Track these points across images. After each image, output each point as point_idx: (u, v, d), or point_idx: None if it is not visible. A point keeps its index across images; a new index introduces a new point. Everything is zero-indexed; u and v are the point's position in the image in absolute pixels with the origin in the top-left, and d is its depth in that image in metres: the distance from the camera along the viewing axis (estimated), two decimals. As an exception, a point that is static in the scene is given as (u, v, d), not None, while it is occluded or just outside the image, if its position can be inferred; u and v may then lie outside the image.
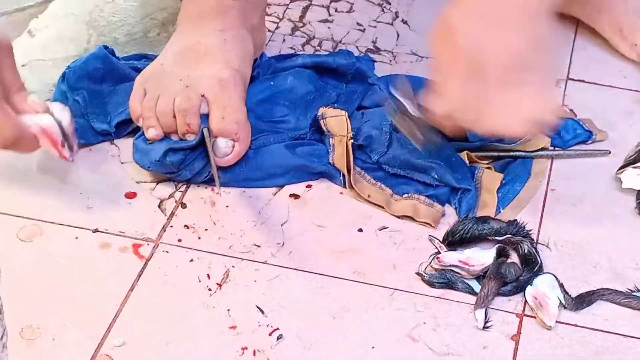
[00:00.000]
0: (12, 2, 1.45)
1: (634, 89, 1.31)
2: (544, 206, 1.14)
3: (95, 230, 1.10)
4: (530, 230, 1.08)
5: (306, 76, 1.23)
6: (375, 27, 1.41)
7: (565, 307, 1.03)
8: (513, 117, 1.01)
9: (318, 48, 1.37)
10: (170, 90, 1.13)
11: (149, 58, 1.25)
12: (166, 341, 0.99)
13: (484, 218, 1.09)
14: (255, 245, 1.09)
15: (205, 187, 1.15)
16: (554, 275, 1.04)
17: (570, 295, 1.03)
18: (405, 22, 1.42)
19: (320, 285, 1.05)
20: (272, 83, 1.22)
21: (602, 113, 1.27)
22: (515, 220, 1.09)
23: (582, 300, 1.03)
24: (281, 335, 0.99)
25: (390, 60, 1.35)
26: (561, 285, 1.03)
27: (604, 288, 1.04)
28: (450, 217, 1.12)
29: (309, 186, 1.16)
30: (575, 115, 1.26)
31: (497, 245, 1.06)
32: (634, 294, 1.04)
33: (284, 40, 1.38)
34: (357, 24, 1.41)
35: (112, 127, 1.19)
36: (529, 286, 1.03)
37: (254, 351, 0.98)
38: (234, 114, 1.14)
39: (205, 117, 1.13)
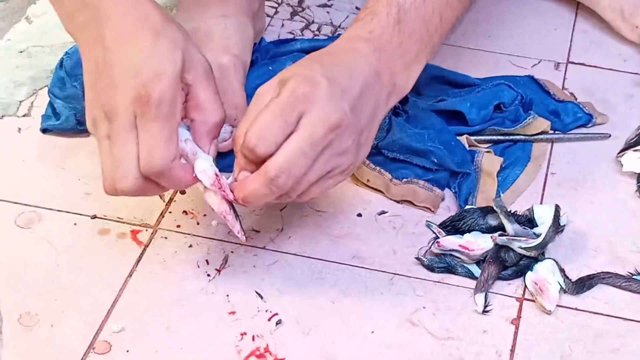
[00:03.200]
0: (9, -11, 1.44)
1: (634, 72, 1.31)
2: (544, 190, 1.14)
3: (94, 217, 1.09)
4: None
5: (305, 61, 1.23)
6: (374, 11, 1.40)
7: (565, 292, 1.02)
8: None
9: (317, 33, 1.37)
10: (169, 76, 1.12)
11: (147, 43, 1.24)
12: (165, 327, 0.98)
13: (486, 210, 1.08)
14: (254, 230, 1.08)
15: (204, 173, 1.15)
16: (554, 260, 1.04)
17: (570, 280, 1.03)
18: (404, 6, 1.41)
19: (319, 270, 1.04)
20: (270, 68, 1.22)
21: (602, 96, 1.27)
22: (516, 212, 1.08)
23: (583, 284, 1.03)
24: (280, 320, 0.99)
25: (390, 45, 1.34)
26: (562, 270, 1.03)
27: (604, 272, 1.04)
28: (449, 201, 1.12)
29: (308, 171, 1.15)
30: (576, 99, 1.26)
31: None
32: (634, 277, 1.04)
33: (282, 25, 1.38)
34: (356, 8, 1.41)
35: (110, 113, 1.18)
36: (530, 272, 1.03)
37: (253, 336, 0.98)
38: (234, 99, 1.13)
39: (204, 103, 1.12)
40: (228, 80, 1.14)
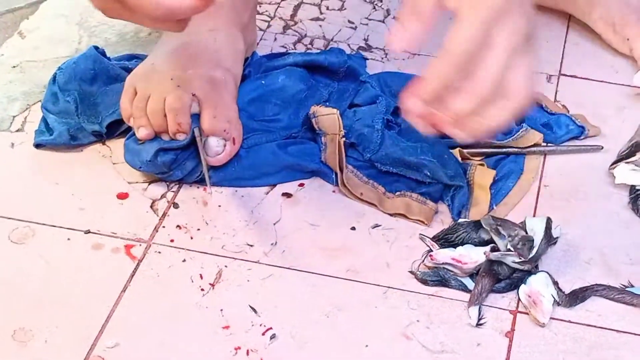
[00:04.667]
0: (2, 4, 1.44)
1: (626, 84, 1.31)
2: (537, 202, 1.14)
3: (88, 232, 1.09)
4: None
5: (298, 75, 1.23)
6: (367, 24, 1.41)
7: (559, 304, 1.02)
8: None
9: (310, 46, 1.37)
10: (161, 90, 1.12)
11: (140, 58, 1.25)
12: (159, 342, 0.98)
13: (479, 223, 1.07)
14: (248, 244, 1.08)
15: (198, 187, 1.15)
16: (547, 273, 1.04)
17: (564, 292, 1.03)
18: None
19: (313, 284, 1.04)
20: (263, 82, 1.22)
21: (594, 108, 1.27)
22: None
23: (576, 297, 1.03)
24: (274, 334, 0.99)
25: (382, 58, 1.34)
26: (555, 283, 1.03)
27: (597, 284, 1.04)
28: (442, 214, 1.12)
29: (301, 185, 1.16)
30: (568, 111, 1.26)
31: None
32: (627, 289, 1.04)
33: (275, 39, 1.38)
34: (349, 21, 1.41)
35: (103, 128, 1.18)
36: (523, 285, 1.03)
37: (247, 351, 0.98)
38: (226, 112, 1.13)
39: (196, 117, 1.12)
40: (220, 94, 1.14)
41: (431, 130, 0.90)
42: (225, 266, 1.06)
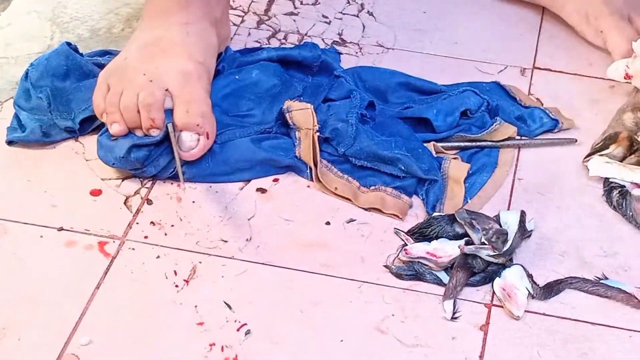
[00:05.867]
0: (-26, 0, 1.44)
1: (599, 77, 1.31)
2: (511, 196, 1.14)
3: (61, 229, 1.09)
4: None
5: (272, 69, 1.23)
6: (341, 19, 1.41)
7: (533, 297, 1.03)
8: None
9: (284, 41, 1.36)
10: (134, 85, 1.12)
11: (112, 54, 1.24)
12: (133, 339, 0.98)
13: (453, 217, 1.08)
14: (222, 240, 1.08)
15: (171, 183, 1.14)
16: (522, 266, 1.04)
17: (538, 285, 1.03)
18: (371, 14, 1.41)
19: (288, 279, 1.04)
20: (237, 77, 1.22)
21: (568, 101, 1.27)
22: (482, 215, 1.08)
23: (551, 289, 1.03)
24: (249, 330, 0.99)
25: (357, 52, 1.34)
26: (529, 276, 1.03)
27: (572, 277, 1.04)
28: (417, 208, 1.12)
29: (275, 180, 1.15)
30: (542, 104, 1.26)
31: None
32: (601, 281, 1.04)
33: (249, 34, 1.38)
34: (323, 16, 1.41)
35: (76, 124, 1.18)
36: (497, 278, 1.03)
37: (222, 347, 0.97)
38: (199, 107, 1.13)
39: (169, 112, 1.12)
40: (192, 88, 1.14)
41: None
42: (200, 262, 1.05)
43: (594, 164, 1.16)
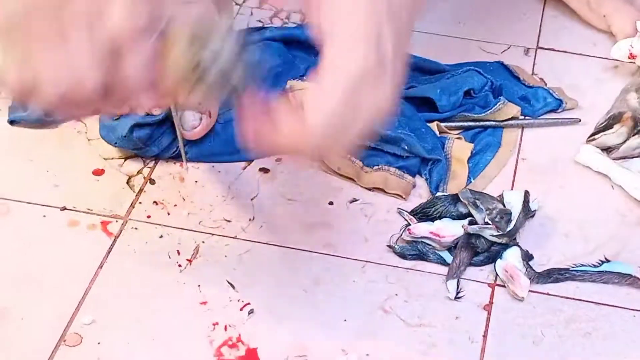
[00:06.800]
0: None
1: (603, 57, 1.31)
2: (514, 176, 1.14)
3: (63, 208, 1.08)
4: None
5: (274, 49, 1.22)
6: (343, -2, 1.40)
7: (531, 281, 1.02)
8: None
9: (286, 21, 1.36)
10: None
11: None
12: (136, 318, 0.98)
13: (457, 197, 1.07)
14: (225, 220, 1.08)
15: (174, 163, 1.14)
16: (520, 247, 1.03)
17: (534, 270, 1.02)
18: (374, -7, 1.41)
19: (291, 259, 1.04)
20: (239, 56, 1.21)
21: (572, 81, 1.27)
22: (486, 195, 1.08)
23: (548, 277, 1.02)
24: (252, 310, 0.99)
25: (359, 32, 1.34)
26: (527, 258, 1.03)
27: (574, 268, 1.03)
28: (421, 188, 1.12)
29: (278, 160, 1.15)
30: (545, 84, 1.26)
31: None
32: (603, 263, 1.03)
33: (251, 13, 1.37)
34: (326, -5, 1.40)
35: (78, 104, 1.17)
36: (499, 259, 1.03)
37: (225, 326, 0.97)
38: (201, 86, 1.12)
39: (172, 92, 1.12)
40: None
41: None
42: (203, 242, 1.05)
43: (586, 150, 1.15)
